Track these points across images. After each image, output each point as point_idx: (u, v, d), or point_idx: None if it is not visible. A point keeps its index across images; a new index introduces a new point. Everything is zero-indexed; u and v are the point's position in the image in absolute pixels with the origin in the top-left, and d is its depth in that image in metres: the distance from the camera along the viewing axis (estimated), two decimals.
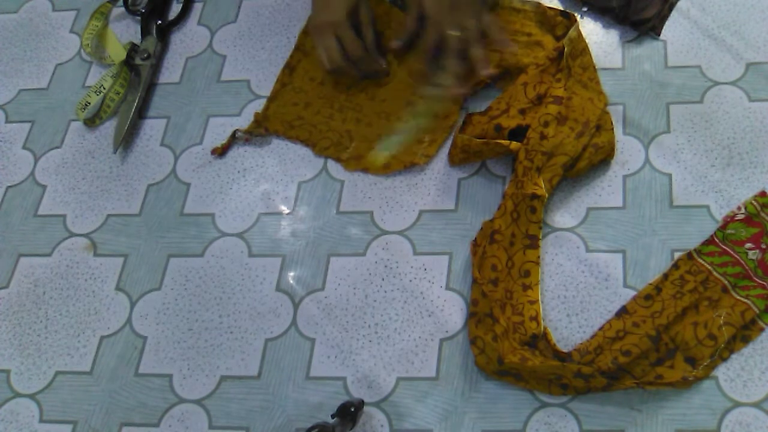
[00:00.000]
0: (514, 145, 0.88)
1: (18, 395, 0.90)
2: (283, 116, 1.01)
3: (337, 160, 0.97)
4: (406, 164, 0.94)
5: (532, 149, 0.87)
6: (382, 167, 0.95)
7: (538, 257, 0.85)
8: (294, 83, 1.03)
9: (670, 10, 0.98)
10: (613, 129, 0.90)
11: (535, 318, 0.82)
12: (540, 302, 0.83)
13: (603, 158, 0.89)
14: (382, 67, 0.99)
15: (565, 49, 0.92)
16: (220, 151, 1.00)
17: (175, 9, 1.14)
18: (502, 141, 0.89)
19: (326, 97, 1.01)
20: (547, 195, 0.86)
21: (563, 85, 0.91)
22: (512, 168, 0.90)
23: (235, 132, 1.00)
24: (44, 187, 1.03)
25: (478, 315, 0.83)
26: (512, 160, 0.91)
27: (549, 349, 0.80)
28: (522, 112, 0.91)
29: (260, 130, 1.00)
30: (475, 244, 0.87)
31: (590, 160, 0.88)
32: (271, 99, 1.02)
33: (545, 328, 0.82)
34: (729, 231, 0.83)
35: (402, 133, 0.96)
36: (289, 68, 1.04)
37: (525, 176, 0.86)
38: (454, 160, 0.93)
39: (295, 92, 1.02)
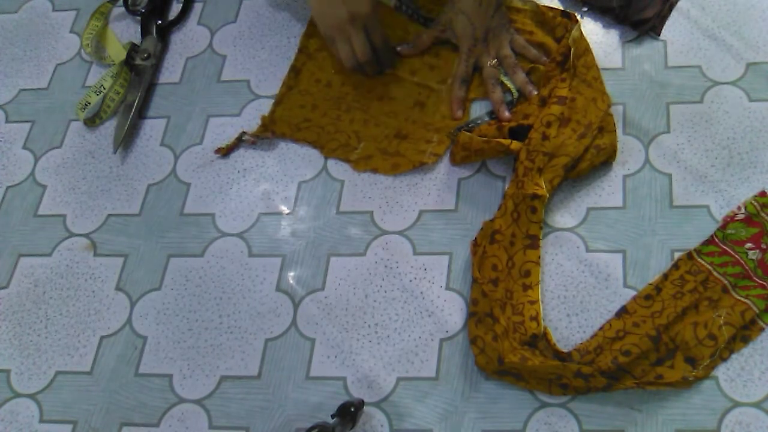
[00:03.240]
0: (515, 144, 0.88)
1: (18, 395, 0.89)
2: (290, 119, 1.00)
3: (346, 160, 0.97)
4: (414, 164, 0.94)
5: (534, 149, 0.87)
6: (391, 167, 0.95)
7: (539, 257, 0.85)
8: (300, 86, 1.03)
9: (670, 10, 0.98)
10: (615, 131, 0.90)
11: (536, 318, 0.82)
12: (540, 302, 0.83)
13: (605, 160, 0.89)
14: (395, 61, 1.00)
15: (572, 49, 0.92)
16: (225, 152, 1.00)
17: (175, 9, 1.14)
18: (503, 140, 0.89)
19: (333, 99, 1.01)
20: (547, 195, 0.86)
21: (568, 85, 0.91)
22: (513, 168, 0.90)
23: (241, 134, 1.00)
24: (44, 187, 1.03)
25: (478, 315, 0.83)
26: (513, 160, 0.91)
27: (549, 349, 0.80)
28: (525, 116, 0.91)
29: (267, 134, 1.00)
30: (476, 243, 0.87)
31: (592, 162, 0.88)
32: (277, 102, 1.02)
33: (545, 328, 0.82)
34: (729, 231, 0.83)
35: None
36: (294, 71, 1.04)
37: (526, 176, 0.86)
38: (455, 159, 0.93)
39: (302, 95, 1.02)
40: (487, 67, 0.97)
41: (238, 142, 1.00)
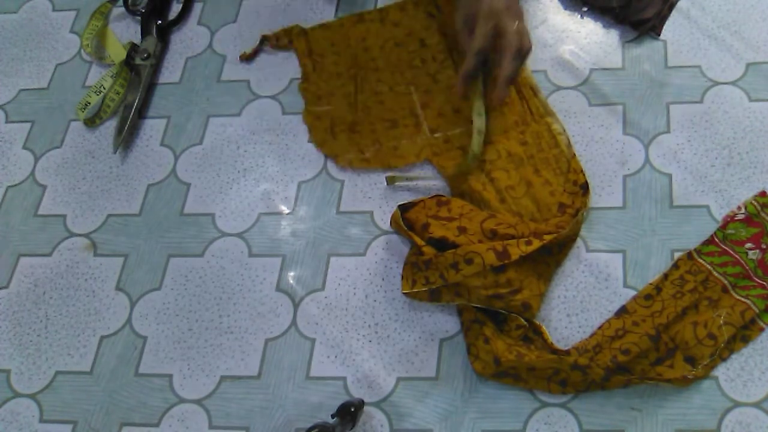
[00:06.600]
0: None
1: (18, 395, 0.90)
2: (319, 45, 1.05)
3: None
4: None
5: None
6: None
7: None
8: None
9: (670, 10, 0.98)
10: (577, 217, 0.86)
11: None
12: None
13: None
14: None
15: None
16: (248, 57, 1.06)
17: (175, 9, 1.14)
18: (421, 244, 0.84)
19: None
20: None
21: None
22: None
23: (263, 39, 1.06)
24: (44, 187, 1.03)
25: (465, 324, 0.83)
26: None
27: (546, 348, 0.80)
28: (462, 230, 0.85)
29: (285, 41, 1.06)
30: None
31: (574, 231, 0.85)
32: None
33: (540, 326, 0.82)
34: (729, 231, 0.83)
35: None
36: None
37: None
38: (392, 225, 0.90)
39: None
40: (510, 32, 0.86)
41: (260, 47, 1.06)
